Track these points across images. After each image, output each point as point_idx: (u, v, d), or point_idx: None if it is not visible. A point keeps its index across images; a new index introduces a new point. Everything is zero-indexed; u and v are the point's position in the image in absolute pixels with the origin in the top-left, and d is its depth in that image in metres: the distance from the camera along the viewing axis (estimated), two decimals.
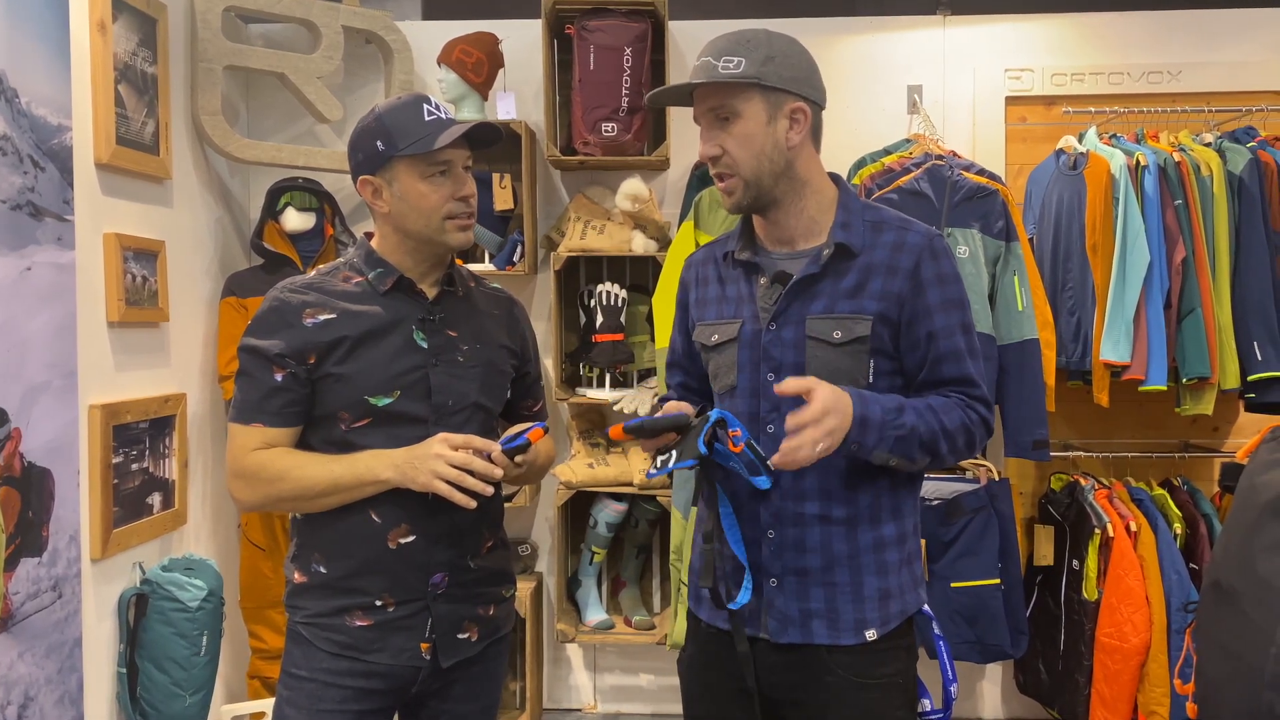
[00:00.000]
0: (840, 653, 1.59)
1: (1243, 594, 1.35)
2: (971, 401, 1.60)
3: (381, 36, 3.31)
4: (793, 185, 1.61)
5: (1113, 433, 3.41)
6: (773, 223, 1.65)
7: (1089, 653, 3.00)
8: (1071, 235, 3.07)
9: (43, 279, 2.23)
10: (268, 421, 1.64)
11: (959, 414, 1.58)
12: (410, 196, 1.66)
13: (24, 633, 2.15)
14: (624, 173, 3.43)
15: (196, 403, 3.01)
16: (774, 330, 1.61)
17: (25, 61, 2.18)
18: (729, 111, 1.57)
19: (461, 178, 1.69)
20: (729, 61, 1.55)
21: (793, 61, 1.58)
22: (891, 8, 3.51)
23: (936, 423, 1.55)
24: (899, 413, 1.53)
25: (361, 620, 1.67)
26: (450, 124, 1.66)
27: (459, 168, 1.68)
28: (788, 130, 1.58)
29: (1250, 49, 3.39)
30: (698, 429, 1.50)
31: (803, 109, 1.59)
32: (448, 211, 1.67)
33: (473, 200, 1.71)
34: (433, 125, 1.64)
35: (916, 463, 1.57)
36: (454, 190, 1.67)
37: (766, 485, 1.55)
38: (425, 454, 1.59)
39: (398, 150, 1.63)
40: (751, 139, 1.57)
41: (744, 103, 1.56)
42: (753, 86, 1.56)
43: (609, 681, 3.62)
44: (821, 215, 1.64)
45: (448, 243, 1.69)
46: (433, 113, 1.66)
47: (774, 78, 1.56)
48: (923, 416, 1.54)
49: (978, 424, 1.60)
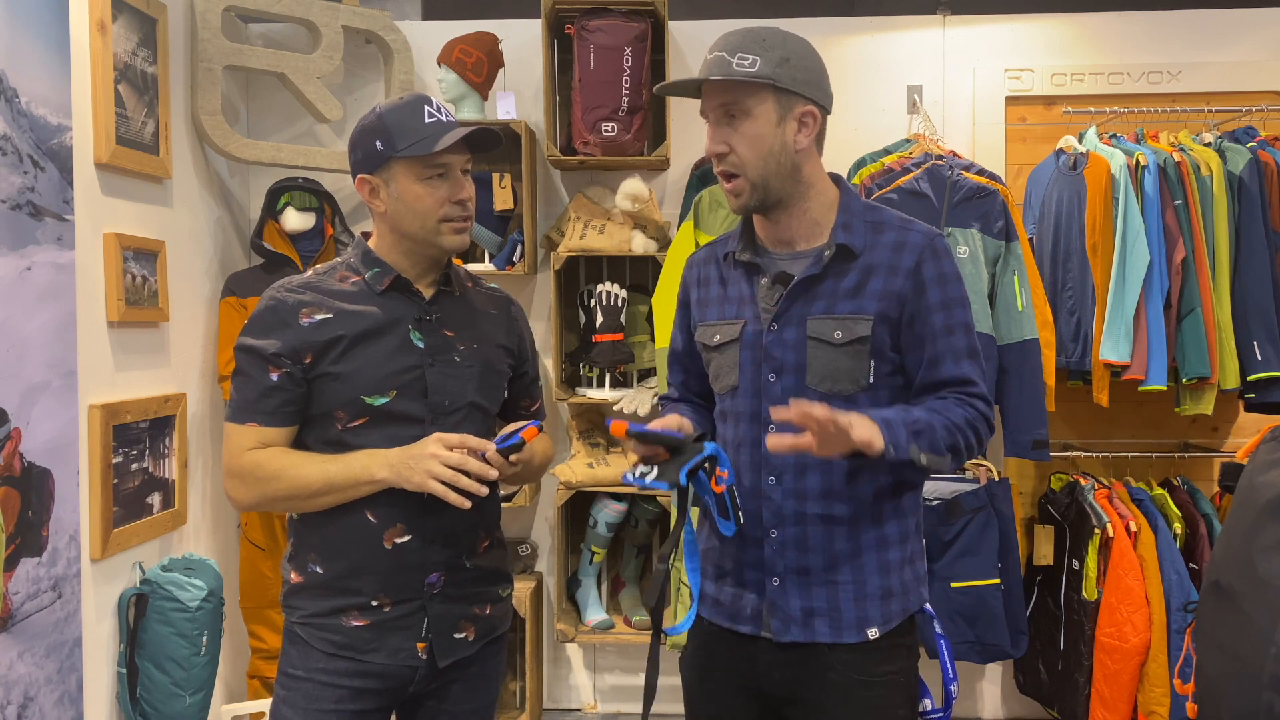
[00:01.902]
0: (842, 651, 1.59)
1: (1243, 594, 1.35)
2: (970, 399, 1.60)
3: (381, 36, 3.31)
4: (798, 187, 1.61)
5: (1112, 433, 3.41)
6: (774, 223, 1.65)
7: (1089, 653, 3.00)
8: (1071, 235, 3.07)
9: (42, 279, 2.23)
10: (263, 421, 1.64)
11: (960, 410, 1.58)
12: (407, 197, 1.66)
13: (24, 633, 2.15)
14: (624, 173, 3.43)
15: (196, 403, 3.01)
16: (775, 331, 1.61)
17: (25, 61, 2.18)
18: (740, 109, 1.57)
19: (459, 181, 1.68)
20: (744, 59, 1.54)
21: (807, 64, 1.58)
22: (891, 8, 3.50)
23: (944, 419, 1.55)
24: (907, 412, 1.53)
25: (358, 620, 1.67)
26: (451, 127, 1.66)
27: (457, 171, 1.68)
28: (796, 133, 1.58)
29: (1250, 49, 3.39)
30: (687, 457, 1.51)
31: (813, 112, 1.59)
32: (444, 214, 1.67)
33: (470, 203, 1.70)
34: (433, 127, 1.64)
35: (944, 456, 1.54)
36: (451, 193, 1.67)
37: (730, 532, 1.60)
38: (420, 454, 1.59)
39: (396, 151, 1.63)
40: (761, 139, 1.57)
41: (756, 102, 1.56)
42: (766, 87, 1.55)
43: (609, 681, 3.62)
44: (823, 216, 1.64)
45: (442, 245, 1.69)
46: (433, 114, 1.65)
47: (788, 80, 1.55)
48: (931, 412, 1.55)
49: (979, 420, 1.60)
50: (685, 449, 1.52)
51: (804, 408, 1.42)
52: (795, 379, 1.60)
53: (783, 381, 1.61)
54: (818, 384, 1.59)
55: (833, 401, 1.56)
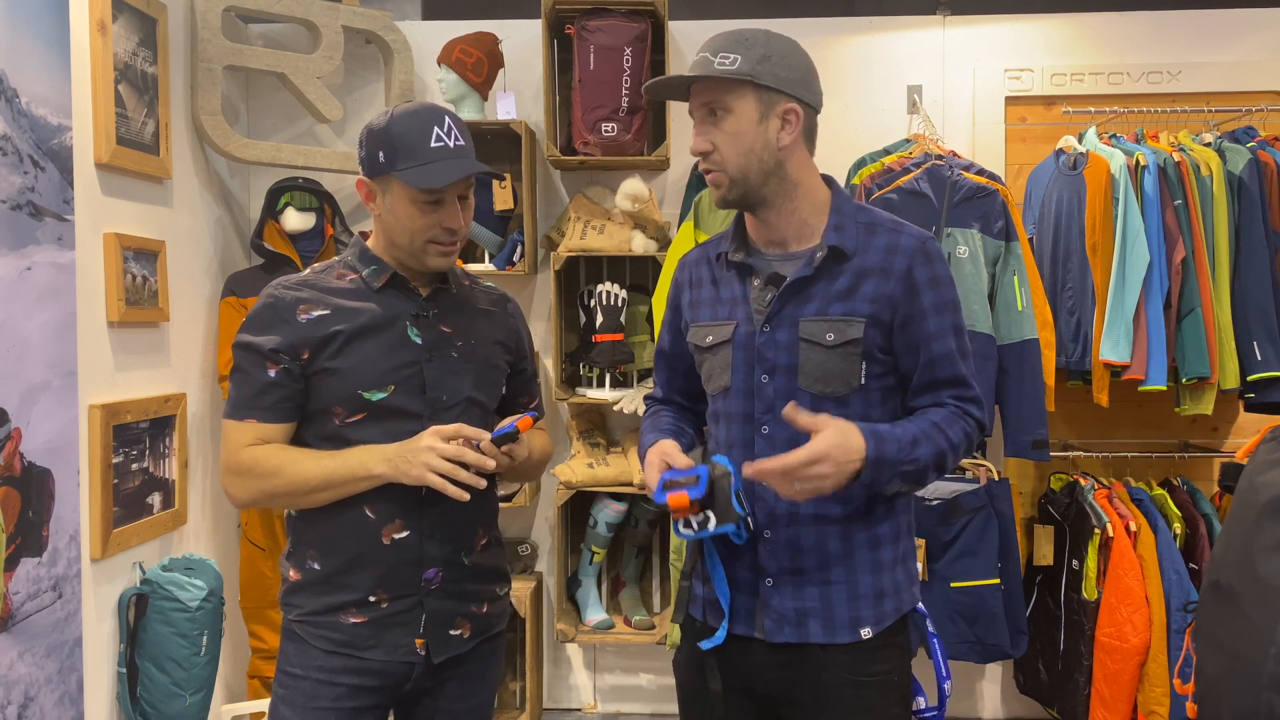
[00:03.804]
0: (836, 651, 1.60)
1: (1243, 594, 1.35)
2: (966, 406, 1.62)
3: (381, 36, 3.31)
4: (783, 186, 1.61)
5: (1112, 433, 3.41)
6: (764, 223, 1.66)
7: (1089, 653, 3.00)
8: (1071, 235, 3.07)
9: (43, 279, 2.23)
10: (262, 417, 1.65)
11: (959, 426, 1.59)
12: (398, 213, 1.66)
13: (24, 633, 2.15)
14: (624, 173, 3.43)
15: (196, 402, 3.01)
16: (768, 332, 1.62)
17: (25, 61, 2.18)
18: (721, 107, 1.58)
19: (452, 210, 1.67)
20: (725, 58, 1.56)
21: (789, 63, 1.58)
22: (891, 8, 3.50)
23: (945, 442, 1.57)
24: (914, 447, 1.53)
25: (355, 618, 1.67)
26: (456, 158, 1.64)
27: (453, 198, 1.67)
28: (779, 130, 1.58)
29: (1249, 49, 3.39)
30: (724, 486, 1.52)
31: (795, 110, 1.59)
32: (431, 237, 1.67)
33: (461, 231, 1.70)
34: (438, 153, 1.63)
35: (924, 485, 1.59)
36: (441, 220, 1.67)
37: (741, 541, 1.57)
38: (417, 447, 1.59)
39: (395, 169, 1.63)
40: (741, 136, 1.57)
41: (736, 99, 1.57)
42: (746, 84, 1.56)
43: (609, 681, 3.62)
44: (814, 217, 1.64)
45: (426, 264, 1.70)
46: (441, 138, 1.64)
47: (768, 77, 1.56)
48: (932, 440, 1.56)
49: (974, 428, 1.62)
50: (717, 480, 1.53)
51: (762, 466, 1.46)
52: (787, 380, 1.60)
53: (775, 383, 1.61)
54: (810, 385, 1.59)
55: (825, 403, 1.57)
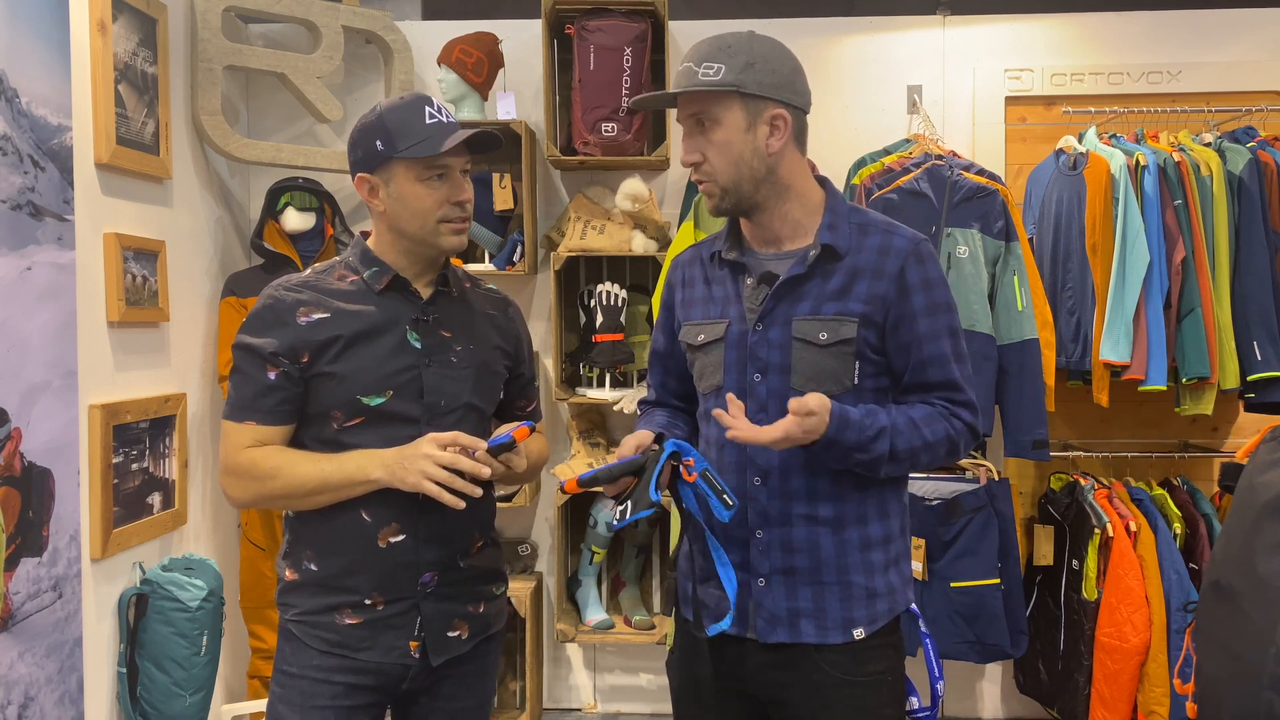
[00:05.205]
0: (828, 651, 1.60)
1: (1243, 594, 1.35)
2: (955, 408, 1.61)
3: (381, 36, 3.31)
4: (775, 190, 1.62)
5: (1112, 433, 3.41)
6: (758, 224, 1.66)
7: (1089, 653, 3.00)
8: (1071, 235, 3.07)
9: (43, 279, 2.23)
10: (260, 419, 1.65)
11: (943, 425, 1.59)
12: (406, 198, 1.66)
13: (24, 633, 2.15)
14: (624, 173, 3.43)
15: (196, 403, 3.01)
16: (760, 331, 1.62)
17: (25, 61, 2.18)
18: (708, 118, 1.58)
19: (459, 182, 1.68)
20: (709, 68, 1.55)
21: (773, 67, 1.58)
22: (891, 8, 3.50)
23: (919, 438, 1.56)
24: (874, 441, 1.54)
25: (351, 619, 1.67)
26: (451, 128, 1.66)
27: (456, 172, 1.68)
28: (768, 137, 1.58)
29: (1249, 49, 3.39)
30: (649, 473, 1.49)
31: (783, 115, 1.58)
32: (442, 215, 1.67)
33: (469, 204, 1.71)
34: (434, 128, 1.64)
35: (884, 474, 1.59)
36: (450, 194, 1.67)
37: (727, 517, 1.53)
38: (414, 454, 1.59)
39: (397, 151, 1.64)
40: (730, 146, 1.57)
41: (723, 110, 1.57)
42: (732, 94, 1.56)
43: (609, 681, 3.62)
44: (807, 218, 1.64)
45: (440, 245, 1.70)
46: (434, 115, 1.65)
47: (753, 85, 1.55)
48: (903, 435, 1.55)
49: (962, 431, 1.61)
50: (648, 465, 1.50)
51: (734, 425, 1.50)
52: (780, 379, 1.60)
53: (768, 382, 1.61)
54: (803, 385, 1.58)
55: None
